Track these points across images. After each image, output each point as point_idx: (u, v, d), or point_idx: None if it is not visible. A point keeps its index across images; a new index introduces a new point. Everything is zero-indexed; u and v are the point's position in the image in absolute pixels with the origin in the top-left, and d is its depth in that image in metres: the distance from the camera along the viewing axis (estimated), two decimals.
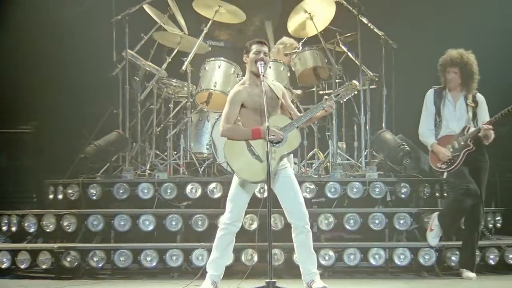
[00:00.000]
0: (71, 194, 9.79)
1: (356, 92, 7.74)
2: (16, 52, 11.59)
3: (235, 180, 7.49)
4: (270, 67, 10.09)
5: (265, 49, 7.50)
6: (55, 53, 11.63)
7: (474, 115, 8.90)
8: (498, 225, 10.17)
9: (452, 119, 8.89)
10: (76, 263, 8.97)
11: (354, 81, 7.67)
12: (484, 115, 8.89)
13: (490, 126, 8.63)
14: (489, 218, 9.96)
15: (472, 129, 8.76)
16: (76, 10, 11.84)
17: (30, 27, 11.65)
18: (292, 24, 11.02)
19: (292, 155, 7.73)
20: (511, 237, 10.41)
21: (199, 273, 8.14)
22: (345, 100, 7.79)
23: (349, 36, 11.13)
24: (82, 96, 11.82)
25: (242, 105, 7.44)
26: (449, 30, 11.76)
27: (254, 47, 7.49)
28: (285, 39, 11.28)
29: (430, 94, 9.02)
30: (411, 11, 12.23)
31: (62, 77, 11.64)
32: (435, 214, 8.95)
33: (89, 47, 11.44)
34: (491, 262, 9.25)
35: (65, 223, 9.35)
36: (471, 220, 8.82)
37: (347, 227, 9.39)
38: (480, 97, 8.97)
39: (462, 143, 8.74)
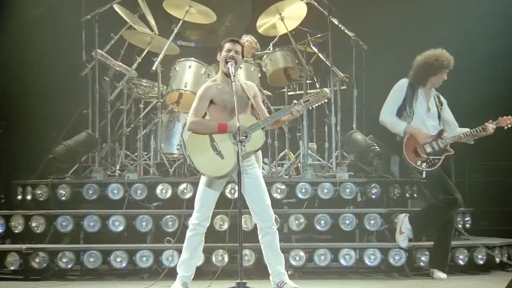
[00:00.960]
0: (40, 195, 9.74)
1: (326, 100, 7.70)
2: None
3: (202, 180, 7.46)
4: (240, 67, 10.06)
5: (238, 47, 7.47)
6: (24, 53, 11.52)
7: (439, 115, 8.94)
8: (468, 225, 10.25)
9: (426, 116, 8.83)
10: (45, 264, 8.88)
11: (325, 89, 7.62)
12: (449, 116, 8.94)
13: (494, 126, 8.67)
14: (458, 219, 10.02)
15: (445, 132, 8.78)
16: (45, 9, 11.75)
17: None
18: (262, 24, 11.00)
19: (261, 155, 7.70)
20: (480, 237, 10.49)
21: (163, 273, 8.15)
22: (314, 106, 7.75)
23: (319, 37, 11.18)
24: (52, 96, 11.71)
25: (211, 102, 7.41)
26: (419, 31, 11.84)
27: (227, 45, 7.47)
28: (243, 37, 11.24)
29: (403, 82, 8.88)
30: (382, 12, 12.27)
31: (31, 77, 11.52)
32: (404, 216, 8.95)
33: (59, 46, 11.35)
34: (461, 262, 9.30)
35: (34, 224, 9.27)
36: (447, 223, 8.83)
37: (318, 227, 9.40)
38: (443, 99, 9.01)
39: (442, 146, 8.73)
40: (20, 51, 11.55)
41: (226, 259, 8.83)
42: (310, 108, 7.80)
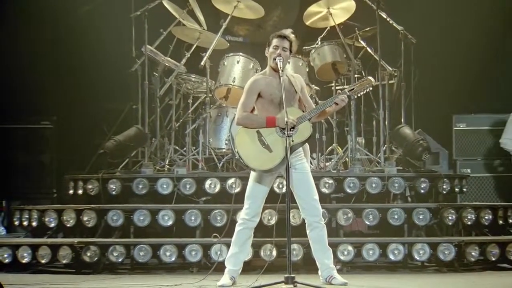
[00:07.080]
0: (91, 189, 9.86)
1: (371, 89, 7.67)
2: (37, 47, 11.68)
3: (252, 176, 7.49)
4: (289, 62, 10.04)
5: (286, 44, 7.45)
6: (75, 49, 11.71)
7: None
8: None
9: None
10: (96, 258, 8.98)
11: (369, 77, 7.60)
12: None
13: None
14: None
15: None
16: (95, 5, 11.89)
17: (51, 22, 11.74)
18: (310, 16, 10.97)
19: (309, 149, 7.70)
20: None
21: (213, 267, 8.19)
22: (359, 95, 7.73)
23: (368, 31, 11.10)
24: (102, 92, 11.87)
25: (259, 95, 7.43)
26: (469, 24, 11.74)
27: (274, 42, 7.46)
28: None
29: None
30: (431, 6, 12.17)
31: (82, 73, 11.70)
32: None
33: (109, 42, 11.49)
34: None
35: (85, 218, 9.38)
36: None
37: (366, 222, 9.38)
38: None
39: None
40: (71, 47, 11.73)
41: (274, 253, 8.83)
42: (356, 96, 7.79)
